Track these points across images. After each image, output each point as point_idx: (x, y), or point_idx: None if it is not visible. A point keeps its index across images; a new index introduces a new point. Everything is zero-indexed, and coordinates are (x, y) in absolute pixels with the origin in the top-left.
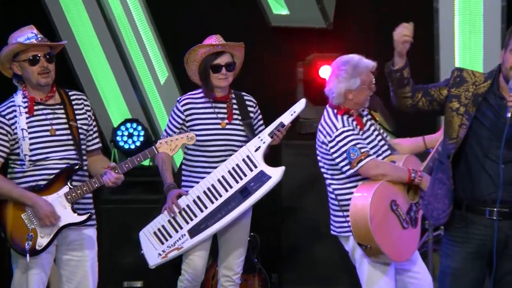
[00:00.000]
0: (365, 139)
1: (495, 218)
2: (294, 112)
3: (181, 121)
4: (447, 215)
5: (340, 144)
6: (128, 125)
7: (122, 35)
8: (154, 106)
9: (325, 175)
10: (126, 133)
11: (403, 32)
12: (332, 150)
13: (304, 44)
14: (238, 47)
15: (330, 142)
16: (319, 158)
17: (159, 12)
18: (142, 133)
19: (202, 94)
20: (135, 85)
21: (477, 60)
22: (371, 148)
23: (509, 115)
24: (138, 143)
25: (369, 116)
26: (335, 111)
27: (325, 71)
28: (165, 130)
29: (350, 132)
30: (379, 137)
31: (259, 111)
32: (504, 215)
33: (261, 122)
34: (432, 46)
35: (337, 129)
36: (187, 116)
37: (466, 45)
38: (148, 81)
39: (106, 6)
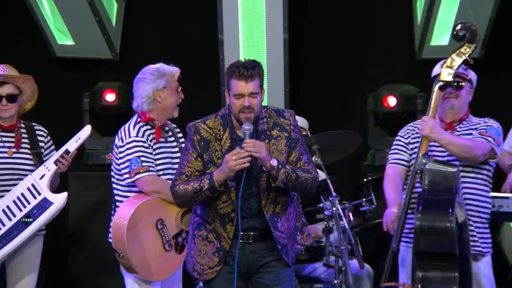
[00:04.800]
0: (155, 154)
1: (244, 242)
2: (79, 138)
3: None
4: (216, 272)
5: (127, 152)
6: None
7: None
8: None
9: (112, 179)
10: None
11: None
12: (119, 155)
13: (91, 74)
14: (22, 79)
15: (120, 147)
16: (112, 159)
17: None
18: None
19: None
20: None
21: None
22: (159, 165)
23: None
24: None
25: (179, 135)
26: (139, 119)
27: (111, 97)
28: None
29: (140, 144)
30: (175, 157)
31: (51, 141)
32: (255, 238)
33: (54, 152)
34: (218, 77)
35: (129, 137)
36: None
37: None
38: None
39: None
